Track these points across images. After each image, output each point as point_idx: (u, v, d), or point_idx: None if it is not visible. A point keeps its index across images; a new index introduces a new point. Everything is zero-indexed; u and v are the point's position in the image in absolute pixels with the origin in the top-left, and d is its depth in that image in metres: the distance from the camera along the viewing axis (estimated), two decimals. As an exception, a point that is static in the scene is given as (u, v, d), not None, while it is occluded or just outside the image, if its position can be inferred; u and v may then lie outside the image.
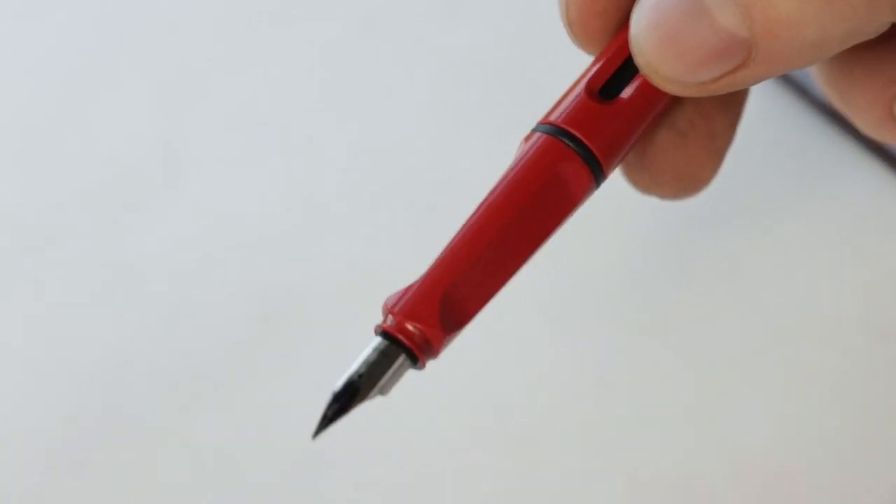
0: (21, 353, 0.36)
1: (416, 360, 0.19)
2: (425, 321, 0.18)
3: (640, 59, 0.20)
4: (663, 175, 0.23)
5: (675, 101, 0.22)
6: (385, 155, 0.40)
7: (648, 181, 0.23)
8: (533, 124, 0.21)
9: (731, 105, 0.23)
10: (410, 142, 0.40)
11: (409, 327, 0.19)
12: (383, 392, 0.19)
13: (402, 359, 0.19)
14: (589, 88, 0.21)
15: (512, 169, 0.20)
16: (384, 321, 0.19)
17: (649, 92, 0.20)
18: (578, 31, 0.22)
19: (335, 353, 0.35)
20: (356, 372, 0.19)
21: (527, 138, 0.20)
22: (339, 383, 0.19)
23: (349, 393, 0.19)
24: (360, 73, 0.43)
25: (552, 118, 0.20)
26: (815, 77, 0.24)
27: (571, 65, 0.38)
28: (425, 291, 0.19)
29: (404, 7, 0.44)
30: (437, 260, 0.19)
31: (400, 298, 0.19)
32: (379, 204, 0.38)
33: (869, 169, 0.36)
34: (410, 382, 0.19)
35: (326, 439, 0.33)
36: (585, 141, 0.20)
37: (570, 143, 0.20)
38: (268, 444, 0.33)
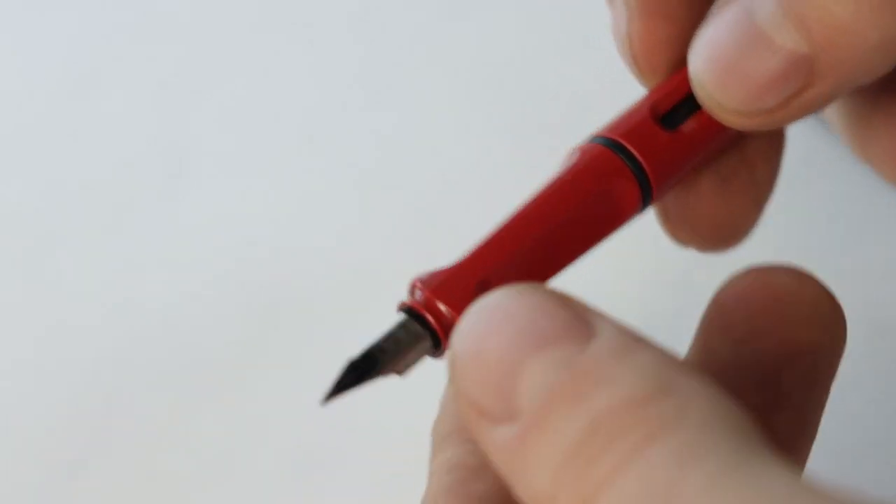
0: (21, 352, 0.36)
1: (439, 344, 0.18)
2: (456, 305, 0.18)
3: (702, 94, 0.19)
4: (703, 225, 0.22)
5: (731, 142, 0.21)
6: (385, 155, 0.40)
7: (688, 231, 0.23)
8: (534, 125, 0.21)
9: (772, 153, 0.23)
10: (411, 141, 0.40)
11: (441, 307, 0.18)
12: (400, 372, 0.18)
13: (426, 341, 0.18)
14: (653, 111, 0.20)
15: (564, 173, 0.19)
16: (412, 296, 0.18)
17: (711, 127, 0.20)
18: (643, 65, 0.21)
19: (335, 353, 0.35)
20: (377, 345, 0.18)
21: (581, 148, 0.20)
22: (357, 353, 0.18)
23: (367, 365, 0.18)
24: (360, 73, 0.43)
25: (612, 132, 0.20)
26: (833, 126, 0.24)
27: (573, 65, 0.39)
28: (461, 274, 0.18)
29: (405, 7, 0.44)
30: (476, 246, 0.19)
31: (433, 276, 0.18)
32: (379, 204, 0.38)
33: (867, 166, 0.36)
34: (412, 383, 0.19)
35: (327, 440, 0.33)
36: (642, 161, 0.20)
37: (627, 161, 0.19)
38: (268, 443, 0.33)
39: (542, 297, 0.16)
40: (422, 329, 0.18)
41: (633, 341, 0.15)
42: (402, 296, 0.19)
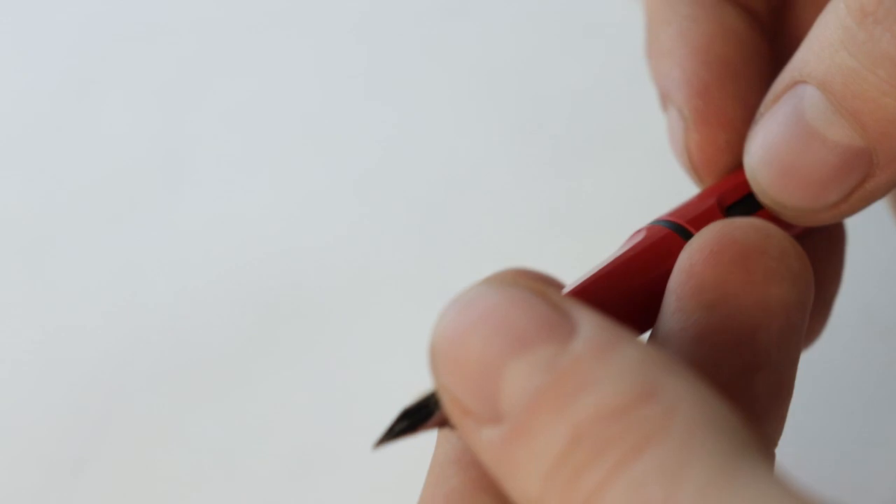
0: (21, 352, 0.36)
1: None
2: None
3: (763, 197, 0.19)
4: None
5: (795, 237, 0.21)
6: (386, 155, 0.40)
7: None
8: (534, 125, 0.21)
9: (834, 251, 0.23)
10: (411, 141, 0.40)
11: None
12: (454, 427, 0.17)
13: None
14: (720, 202, 0.20)
15: (628, 250, 0.19)
16: None
17: (775, 222, 0.19)
18: (703, 172, 0.21)
19: (335, 353, 0.35)
20: (433, 396, 0.17)
21: (648, 228, 0.20)
22: (411, 402, 0.18)
23: (421, 414, 0.17)
24: (360, 74, 0.43)
25: (678, 217, 0.20)
26: (888, 206, 0.24)
27: (573, 66, 0.38)
28: None
29: (405, 8, 0.44)
30: None
31: None
32: (380, 204, 0.38)
33: None
34: (412, 383, 0.19)
35: (327, 439, 0.33)
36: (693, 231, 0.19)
37: None
38: (268, 443, 0.33)
39: (519, 290, 0.15)
40: None
41: (615, 337, 0.15)
42: (402, 296, 0.19)
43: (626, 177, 0.37)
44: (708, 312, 0.17)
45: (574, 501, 0.14)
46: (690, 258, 0.17)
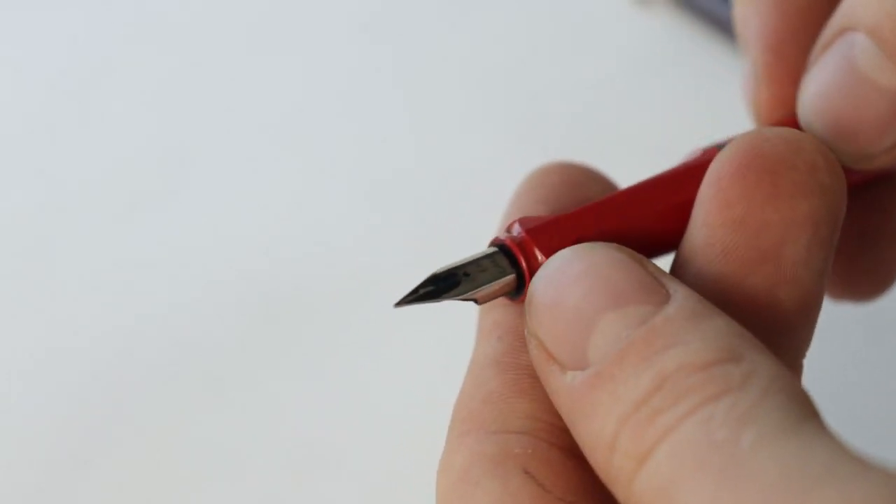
0: (22, 352, 0.36)
1: (522, 286, 0.18)
2: (550, 253, 0.17)
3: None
4: (857, 281, 0.22)
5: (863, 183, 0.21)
6: (385, 155, 0.40)
7: (843, 289, 0.23)
8: (537, 126, 0.21)
9: None
10: (410, 141, 0.40)
11: (535, 251, 0.18)
12: (478, 301, 0.18)
13: (510, 279, 0.18)
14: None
15: (683, 165, 0.19)
16: (508, 233, 0.18)
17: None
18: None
19: (335, 353, 0.35)
20: (463, 267, 0.18)
21: (705, 149, 0.20)
22: (441, 268, 0.18)
23: (447, 282, 0.18)
24: (359, 74, 0.43)
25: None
26: None
27: (575, 65, 0.38)
28: (564, 226, 0.18)
29: (405, 8, 0.44)
30: (587, 204, 0.18)
31: (535, 220, 0.18)
32: (379, 204, 0.38)
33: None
34: (413, 383, 0.19)
35: (327, 439, 0.33)
36: None
37: None
38: (268, 443, 0.33)
39: (621, 254, 0.16)
40: (510, 266, 0.18)
41: (707, 308, 0.16)
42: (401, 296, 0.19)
43: (627, 177, 0.37)
44: (734, 227, 0.17)
45: (647, 440, 0.14)
46: (719, 171, 0.17)
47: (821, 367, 0.33)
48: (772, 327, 0.17)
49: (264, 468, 0.32)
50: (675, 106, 0.39)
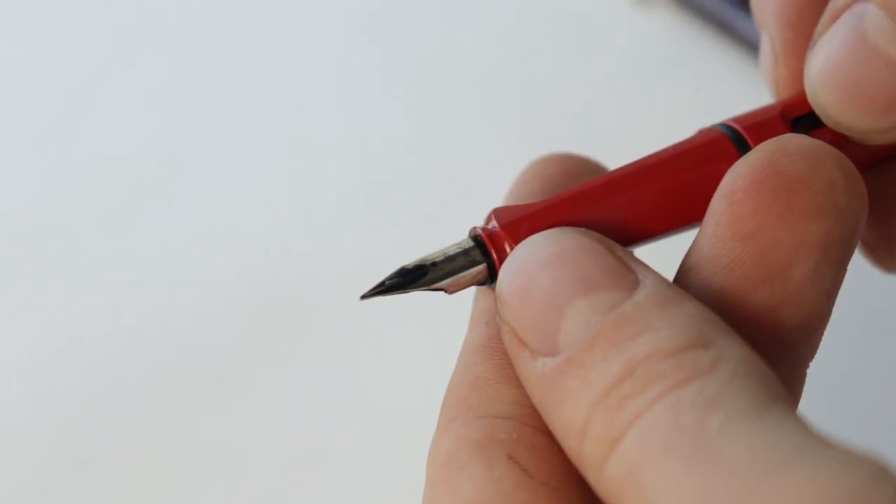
0: (22, 352, 0.36)
1: (495, 277, 0.18)
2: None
3: (828, 121, 0.19)
4: (880, 254, 0.22)
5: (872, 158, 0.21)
6: (385, 155, 0.40)
7: (893, 258, 0.22)
8: (537, 125, 0.20)
9: None
10: (411, 142, 0.40)
11: (507, 244, 0.18)
12: (449, 290, 0.18)
13: (481, 271, 0.18)
14: (784, 114, 0.19)
15: (673, 147, 0.19)
16: (486, 224, 0.18)
17: (841, 139, 0.19)
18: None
19: (335, 352, 0.35)
20: (431, 258, 0.18)
21: (701, 130, 0.19)
22: (410, 262, 0.18)
23: (415, 273, 0.18)
24: (359, 74, 0.43)
25: (736, 122, 0.19)
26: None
27: (577, 65, 0.38)
28: (540, 217, 0.18)
29: (405, 8, 0.44)
30: (564, 193, 0.18)
31: (510, 211, 0.18)
32: (379, 203, 0.38)
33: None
34: (413, 383, 0.19)
35: (327, 439, 0.33)
36: (749, 141, 0.19)
37: (740, 150, 0.19)
38: (268, 442, 0.33)
39: (590, 240, 0.16)
40: (481, 257, 0.18)
41: (677, 294, 0.16)
42: (404, 296, 0.19)
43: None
44: (743, 242, 0.16)
45: (617, 425, 0.14)
46: (733, 183, 0.17)
47: (821, 367, 0.33)
48: (773, 343, 0.17)
49: (264, 468, 0.32)
50: (675, 105, 0.39)
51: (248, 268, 0.37)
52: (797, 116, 0.19)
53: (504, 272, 0.17)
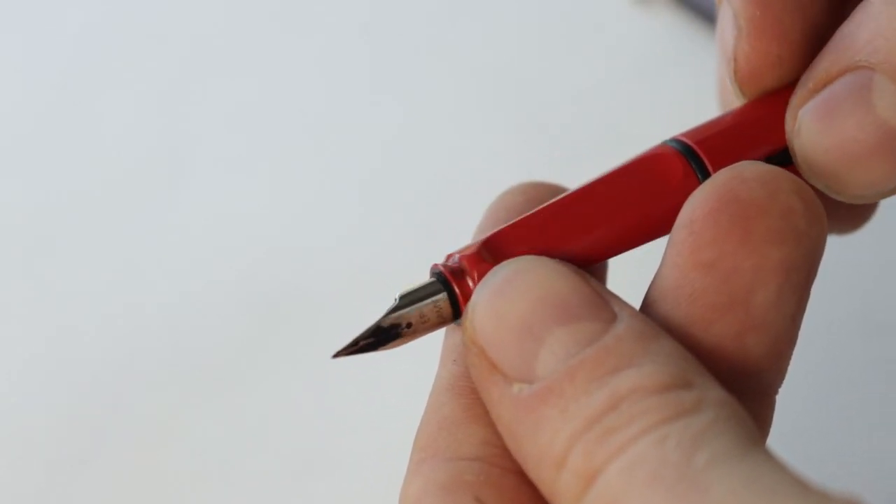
0: (22, 352, 0.36)
1: (458, 312, 0.18)
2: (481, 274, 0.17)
3: (812, 181, 0.18)
4: (833, 216, 0.22)
5: None
6: (386, 155, 0.40)
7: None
8: (536, 126, 0.20)
9: None
10: (411, 142, 0.40)
11: (468, 281, 0.18)
12: (419, 336, 0.18)
13: (449, 319, 0.18)
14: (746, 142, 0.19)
15: (624, 163, 0.19)
16: (447, 262, 0.18)
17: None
18: (747, 87, 0.20)
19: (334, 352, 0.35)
20: (406, 318, 0.18)
21: (655, 147, 0.19)
22: (386, 320, 0.19)
23: (389, 333, 0.19)
24: (361, 74, 0.43)
25: (690, 137, 0.19)
26: None
27: (575, 66, 0.38)
28: (492, 243, 0.18)
29: (405, 8, 0.44)
30: (517, 221, 0.18)
31: (470, 246, 0.18)
32: (380, 204, 0.38)
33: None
34: (413, 383, 0.19)
35: (327, 439, 0.33)
36: (709, 166, 0.18)
37: (694, 166, 0.19)
38: (268, 443, 0.33)
39: (566, 270, 0.16)
40: (450, 309, 0.18)
41: (653, 329, 0.16)
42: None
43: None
44: (704, 272, 0.16)
45: (598, 457, 0.14)
46: (692, 213, 0.17)
47: (821, 367, 0.33)
48: (741, 370, 0.17)
49: (264, 468, 0.32)
50: (675, 106, 0.39)
51: (249, 268, 0.37)
52: (769, 155, 0.19)
53: (479, 294, 0.17)
